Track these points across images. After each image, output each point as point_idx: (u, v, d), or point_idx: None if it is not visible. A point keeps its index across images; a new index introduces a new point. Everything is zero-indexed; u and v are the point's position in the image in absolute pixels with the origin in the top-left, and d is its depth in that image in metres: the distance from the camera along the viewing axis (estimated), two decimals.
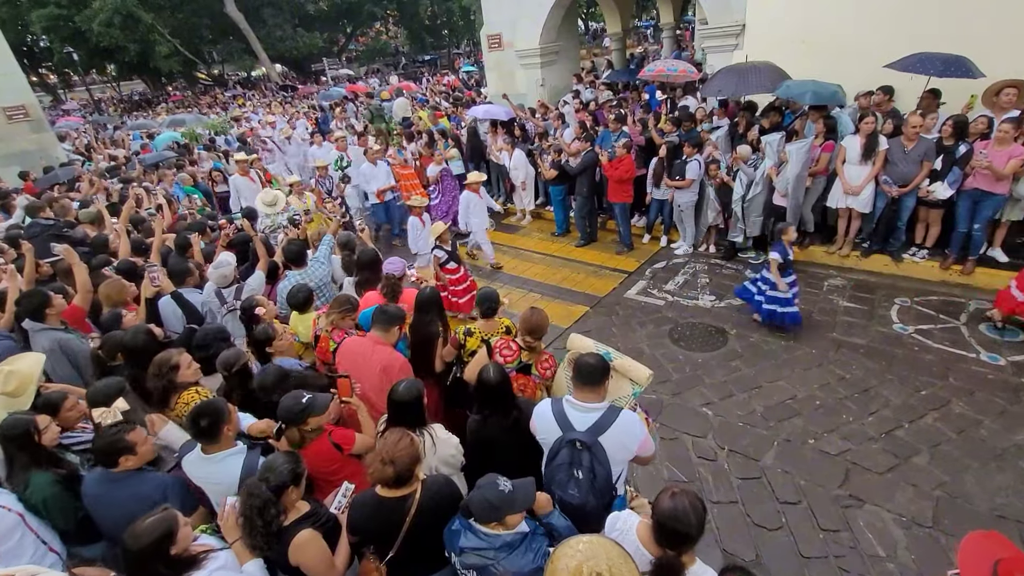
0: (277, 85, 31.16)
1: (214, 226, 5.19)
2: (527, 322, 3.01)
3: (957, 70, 5.41)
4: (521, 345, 3.07)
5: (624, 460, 2.42)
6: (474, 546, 1.96)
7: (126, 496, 2.28)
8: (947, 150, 5.31)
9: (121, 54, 27.66)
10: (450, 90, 18.12)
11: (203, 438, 2.33)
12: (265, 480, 2.01)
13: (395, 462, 2.01)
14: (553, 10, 10.49)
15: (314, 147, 10.08)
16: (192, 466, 2.40)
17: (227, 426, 2.33)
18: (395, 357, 3.12)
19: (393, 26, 43.34)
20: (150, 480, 2.31)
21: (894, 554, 3.09)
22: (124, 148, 12.91)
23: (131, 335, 3.03)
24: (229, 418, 2.33)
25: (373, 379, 3.03)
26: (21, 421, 2.44)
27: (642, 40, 27.40)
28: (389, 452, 2.02)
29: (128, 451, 2.25)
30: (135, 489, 2.24)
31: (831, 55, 6.64)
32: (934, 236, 5.85)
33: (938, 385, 4.33)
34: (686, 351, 5.14)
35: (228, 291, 4.11)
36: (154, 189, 7.40)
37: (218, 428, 2.31)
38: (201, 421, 2.29)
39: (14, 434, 2.41)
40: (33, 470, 2.42)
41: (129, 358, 3.03)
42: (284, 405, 2.48)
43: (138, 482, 2.28)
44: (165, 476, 2.39)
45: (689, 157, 6.55)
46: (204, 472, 2.38)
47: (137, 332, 3.06)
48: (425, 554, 2.16)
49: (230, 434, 2.36)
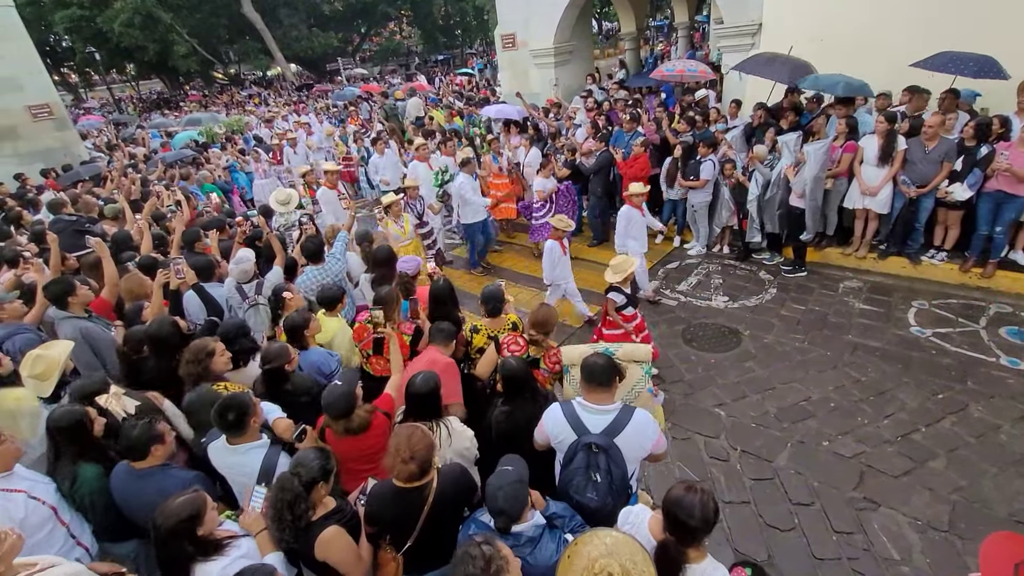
0: (293, 85, 31.46)
1: (232, 223, 5.29)
2: (534, 316, 3.06)
3: (988, 71, 5.32)
4: (528, 340, 3.09)
5: (639, 459, 2.43)
6: None
7: (152, 492, 2.30)
8: (968, 151, 5.24)
9: (141, 53, 28.14)
10: (462, 89, 18.18)
11: (231, 431, 2.39)
12: (297, 475, 2.04)
13: (415, 457, 2.06)
14: (567, 10, 10.51)
15: (376, 157, 8.70)
16: (217, 454, 2.47)
17: (253, 418, 2.39)
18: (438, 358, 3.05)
19: (407, 26, 43.59)
20: (174, 476, 2.36)
21: (909, 558, 3.06)
22: (144, 146, 13.17)
23: (156, 325, 3.10)
24: (255, 410, 2.39)
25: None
26: (74, 412, 2.42)
27: (654, 40, 27.19)
28: (408, 449, 2.06)
29: (159, 440, 2.32)
30: (160, 485, 2.28)
31: (849, 54, 6.57)
32: (953, 238, 5.76)
33: (956, 389, 4.27)
34: (699, 351, 5.12)
35: (248, 286, 4.19)
36: (173, 187, 7.54)
37: (245, 421, 2.36)
38: (229, 415, 2.34)
39: (66, 425, 2.39)
40: (81, 463, 2.42)
41: (154, 349, 3.10)
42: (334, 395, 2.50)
43: (162, 477, 2.33)
44: (188, 472, 2.44)
45: (703, 157, 6.53)
46: (228, 461, 2.44)
47: (163, 323, 3.13)
48: (440, 544, 2.19)
49: (255, 426, 2.42)
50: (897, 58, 5.97)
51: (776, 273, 6.36)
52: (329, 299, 3.73)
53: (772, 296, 5.90)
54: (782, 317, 5.49)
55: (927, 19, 6.19)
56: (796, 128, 6.21)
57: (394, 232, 5.61)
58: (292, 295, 3.66)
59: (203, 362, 2.85)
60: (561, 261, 5.28)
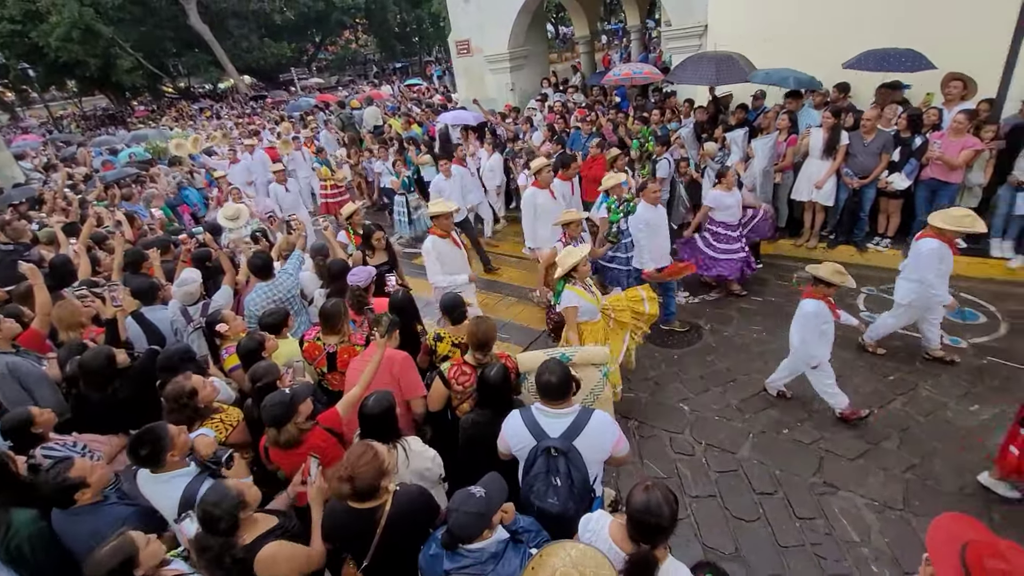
0: (246, 96, 30.58)
1: (177, 242, 5.05)
2: (475, 336, 2.88)
3: (914, 64, 5.61)
4: (474, 364, 2.95)
5: (600, 461, 2.41)
6: (460, 566, 1.92)
7: (85, 533, 2.18)
8: (904, 142, 5.49)
9: (81, 69, 26.89)
10: (421, 96, 18.06)
11: (146, 465, 2.26)
12: (212, 520, 1.91)
13: (354, 478, 1.97)
14: (520, 15, 10.57)
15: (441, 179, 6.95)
16: (143, 483, 2.34)
17: (170, 453, 2.24)
18: (393, 353, 2.99)
19: (363, 34, 43.07)
20: (107, 514, 2.21)
21: (868, 539, 3.15)
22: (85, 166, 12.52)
23: (89, 356, 2.91)
24: (172, 443, 2.24)
25: (384, 379, 2.95)
26: None
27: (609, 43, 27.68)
28: (349, 467, 1.98)
29: (80, 487, 2.16)
30: (92, 525, 2.14)
31: (792, 54, 6.80)
32: (895, 225, 6.03)
33: (905, 370, 4.45)
34: (662, 348, 5.18)
35: (194, 308, 4.00)
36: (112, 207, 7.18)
37: (159, 456, 2.23)
38: (141, 450, 2.20)
39: None
40: (12, 509, 2.26)
41: (86, 382, 2.91)
42: (273, 401, 2.45)
43: (94, 518, 2.18)
44: (123, 509, 2.28)
45: (659, 156, 6.63)
46: (150, 491, 2.32)
47: (97, 354, 2.94)
48: (402, 564, 2.12)
49: (175, 458, 2.27)
50: (834, 57, 6.22)
51: None
52: (271, 325, 3.49)
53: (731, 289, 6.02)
54: (741, 310, 5.61)
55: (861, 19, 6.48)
56: (743, 125, 6.39)
57: (587, 303, 3.76)
58: (228, 326, 3.47)
59: (189, 404, 2.68)
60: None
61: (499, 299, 6.56)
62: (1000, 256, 5.51)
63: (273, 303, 4.23)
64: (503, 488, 2.02)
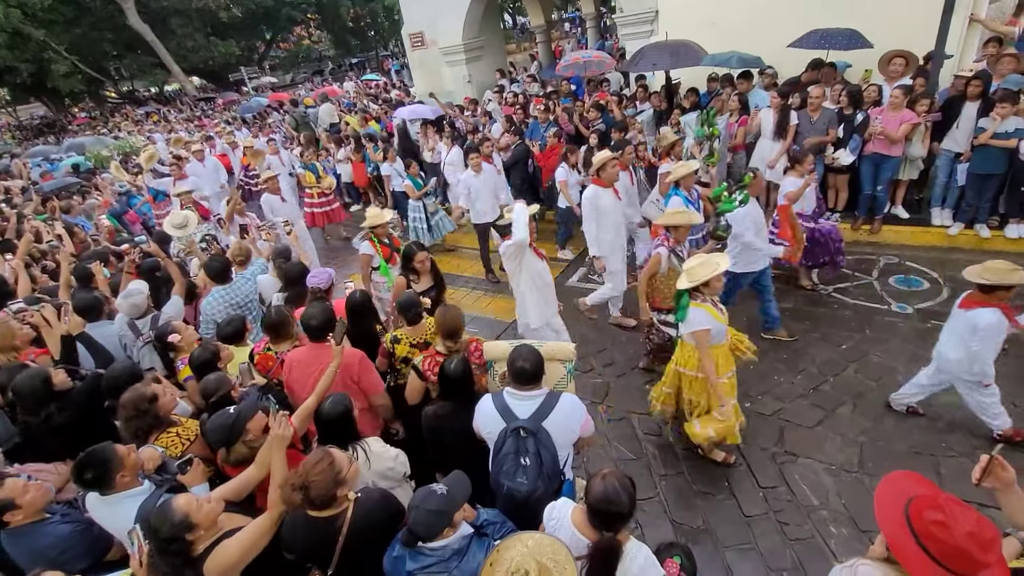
0: (194, 99, 29.37)
1: (119, 253, 4.81)
2: (444, 327, 2.89)
3: (853, 42, 5.81)
4: (445, 352, 2.94)
5: (569, 442, 2.45)
6: (423, 565, 1.91)
7: (24, 554, 2.10)
8: (847, 119, 5.68)
9: (12, 75, 25.33)
10: (379, 92, 17.70)
11: (94, 489, 2.14)
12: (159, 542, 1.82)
13: (308, 487, 1.91)
14: (472, 5, 10.47)
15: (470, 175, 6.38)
16: (91, 506, 2.23)
17: (120, 473, 2.13)
18: (350, 353, 2.94)
19: (316, 30, 41.88)
20: (47, 534, 2.12)
21: (827, 501, 3.28)
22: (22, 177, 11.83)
23: (22, 379, 2.75)
24: (122, 464, 2.13)
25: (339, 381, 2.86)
26: None
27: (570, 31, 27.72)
28: (303, 476, 1.92)
29: (8, 508, 2.05)
30: (31, 545, 2.06)
31: (740, 36, 6.95)
32: (843, 200, 6.25)
33: (857, 338, 4.63)
34: (628, 332, 5.25)
35: (143, 321, 3.83)
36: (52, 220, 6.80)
37: (108, 478, 2.11)
38: (86, 474, 2.09)
39: None
40: None
41: (22, 407, 2.76)
42: (215, 424, 2.36)
43: (33, 538, 2.09)
44: (63, 528, 2.18)
45: None
46: (101, 514, 2.21)
47: (31, 376, 2.78)
48: (368, 570, 2.08)
49: (126, 479, 2.17)
50: (779, 39, 6.38)
51: (697, 246, 6.61)
52: (229, 335, 3.40)
53: None
54: None
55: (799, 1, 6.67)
56: (696, 108, 6.50)
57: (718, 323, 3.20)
58: (181, 336, 3.35)
59: (149, 411, 2.54)
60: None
61: (466, 293, 6.53)
62: (940, 224, 5.78)
63: (230, 307, 4.11)
64: (466, 486, 2.01)
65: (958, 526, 1.39)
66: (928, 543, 1.43)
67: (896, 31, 5.88)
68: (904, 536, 1.48)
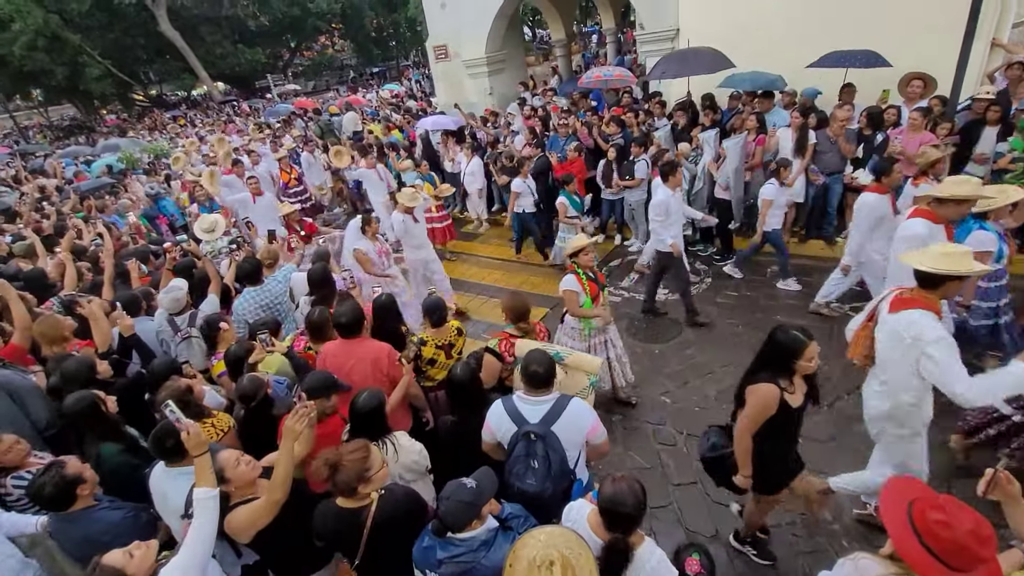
0: (219, 103, 30.17)
1: (158, 252, 5.02)
2: (513, 311, 3.35)
3: (873, 61, 5.90)
4: (518, 335, 3.30)
5: (578, 444, 2.54)
6: (452, 555, 1.99)
7: (79, 538, 2.23)
8: (866, 139, 5.75)
9: (47, 78, 26.25)
10: (400, 101, 18.06)
11: (168, 457, 2.32)
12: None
13: (336, 467, 2.05)
14: (496, 20, 10.69)
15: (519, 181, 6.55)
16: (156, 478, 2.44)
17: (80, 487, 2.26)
18: (380, 347, 3.14)
19: (339, 39, 42.81)
20: (98, 520, 2.26)
21: (839, 516, 3.33)
22: (56, 177, 12.27)
23: (71, 364, 2.95)
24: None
25: (366, 374, 3.06)
26: (85, 396, 2.65)
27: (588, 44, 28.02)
28: (337, 456, 2.07)
29: (79, 482, 2.22)
30: (86, 530, 2.19)
31: (760, 56, 7.06)
32: None
33: None
34: (644, 343, 5.33)
35: (181, 318, 4.01)
36: (93, 218, 7.08)
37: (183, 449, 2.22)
38: (167, 441, 2.26)
39: (80, 409, 2.62)
40: (101, 443, 2.65)
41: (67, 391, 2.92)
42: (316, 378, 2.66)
43: (85, 524, 2.24)
44: (114, 514, 2.33)
45: (637, 157, 6.80)
46: (166, 486, 2.38)
47: (78, 362, 2.97)
48: (393, 562, 2.20)
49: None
50: (798, 59, 6.48)
51: (710, 263, 6.71)
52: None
53: (708, 285, 6.22)
54: (718, 304, 5.81)
55: (822, 21, 6.76)
56: (715, 126, 6.61)
57: None
58: (227, 327, 3.52)
59: (190, 401, 2.71)
60: None
61: (483, 301, 6.65)
62: None
63: (261, 308, 4.28)
64: (494, 481, 2.11)
65: (959, 524, 1.47)
66: (931, 541, 1.50)
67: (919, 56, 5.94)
68: (908, 535, 1.55)
